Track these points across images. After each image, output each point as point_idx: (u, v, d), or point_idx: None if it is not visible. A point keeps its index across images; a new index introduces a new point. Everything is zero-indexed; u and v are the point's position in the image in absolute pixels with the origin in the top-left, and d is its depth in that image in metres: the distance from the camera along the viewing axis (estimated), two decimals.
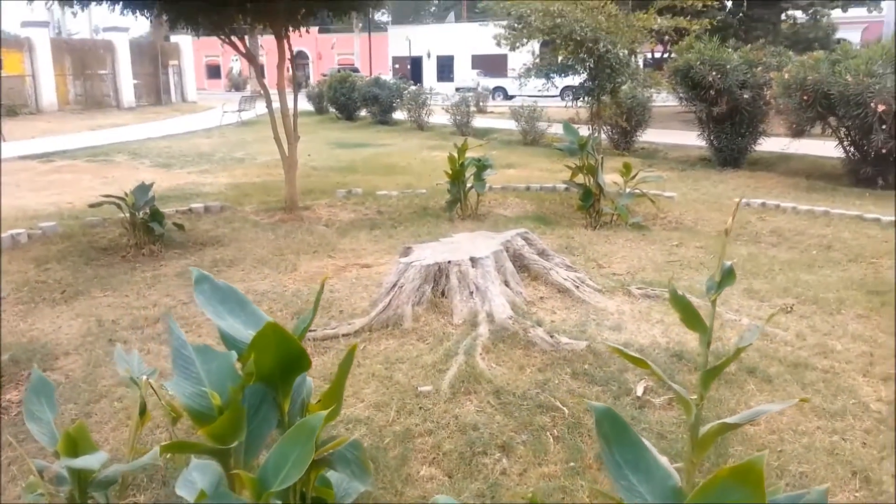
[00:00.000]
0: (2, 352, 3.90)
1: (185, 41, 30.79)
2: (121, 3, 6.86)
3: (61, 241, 6.48)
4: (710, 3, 14.35)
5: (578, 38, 11.25)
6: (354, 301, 4.72)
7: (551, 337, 3.87)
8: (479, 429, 3.04)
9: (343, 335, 4.08)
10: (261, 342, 2.19)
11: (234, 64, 47.80)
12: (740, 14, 22.37)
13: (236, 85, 45.68)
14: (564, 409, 3.20)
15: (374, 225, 7.11)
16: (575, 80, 14.43)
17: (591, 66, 11.98)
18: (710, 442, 2.44)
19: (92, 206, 6.45)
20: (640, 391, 3.37)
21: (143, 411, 2.68)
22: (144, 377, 2.74)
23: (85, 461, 2.16)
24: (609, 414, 1.73)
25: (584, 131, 8.12)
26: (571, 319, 4.30)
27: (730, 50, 11.44)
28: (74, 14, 7.82)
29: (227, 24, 7.62)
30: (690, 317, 2.49)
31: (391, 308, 4.24)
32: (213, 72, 51.95)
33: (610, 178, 7.96)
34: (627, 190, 7.21)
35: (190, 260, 5.82)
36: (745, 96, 10.65)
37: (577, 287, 4.71)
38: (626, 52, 12.07)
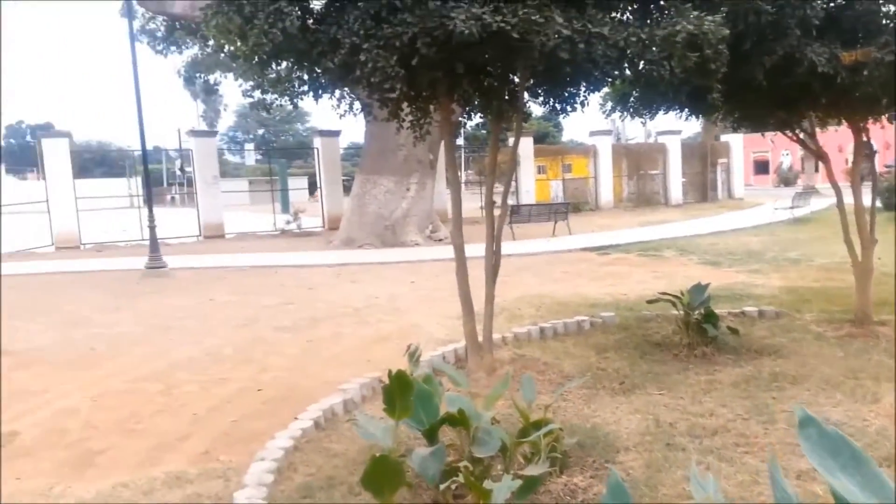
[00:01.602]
0: (570, 434, 4.19)
1: (735, 139, 31.11)
2: (685, 110, 7.11)
3: (618, 332, 6.90)
4: None
5: None
6: None
7: None
8: None
9: None
10: None
11: (784, 159, 46.01)
12: None
13: (785, 180, 43.76)
14: None
15: None
16: None
17: None
18: None
19: (649, 301, 6.71)
20: None
21: None
22: None
23: None
24: None
25: None
26: None
27: None
28: (643, 123, 8.56)
29: (796, 120, 7.18)
30: None
31: None
32: (761, 167, 51.00)
33: None
34: None
35: (746, 369, 5.42)
36: None
37: None
38: None
